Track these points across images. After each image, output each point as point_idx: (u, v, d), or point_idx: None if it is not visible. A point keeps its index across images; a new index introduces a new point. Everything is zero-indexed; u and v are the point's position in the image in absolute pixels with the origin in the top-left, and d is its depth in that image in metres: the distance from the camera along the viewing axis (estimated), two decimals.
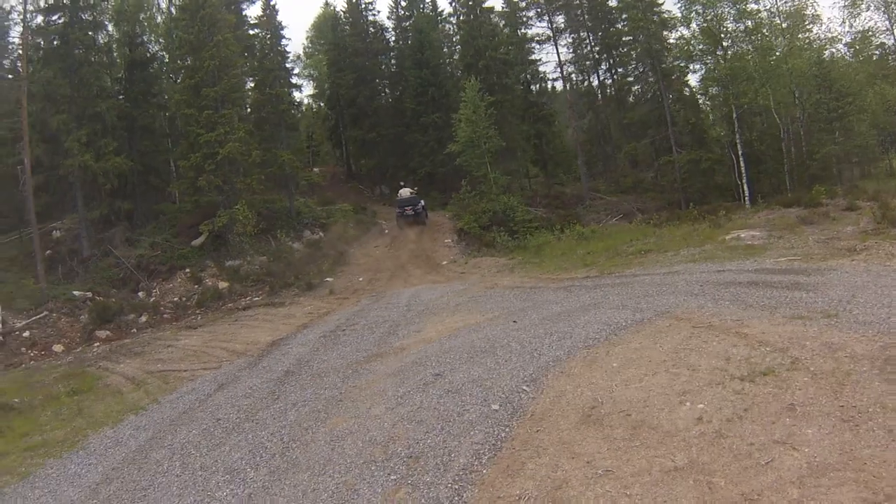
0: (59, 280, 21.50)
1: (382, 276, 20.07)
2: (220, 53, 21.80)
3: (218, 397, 9.05)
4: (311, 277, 20.51)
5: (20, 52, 21.62)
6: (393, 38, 41.22)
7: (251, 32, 31.16)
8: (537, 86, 32.16)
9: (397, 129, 35.07)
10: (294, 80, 40.25)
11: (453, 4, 32.86)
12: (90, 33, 22.21)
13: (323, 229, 26.22)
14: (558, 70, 30.53)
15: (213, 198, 22.84)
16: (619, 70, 31.14)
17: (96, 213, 24.66)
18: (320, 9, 46.70)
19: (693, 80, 25.86)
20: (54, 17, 21.85)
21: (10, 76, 23.68)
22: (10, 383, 13.53)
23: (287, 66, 36.11)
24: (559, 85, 34.59)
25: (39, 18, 21.79)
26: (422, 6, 40.78)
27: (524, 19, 30.35)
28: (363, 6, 38.53)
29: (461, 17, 30.63)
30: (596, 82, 33.22)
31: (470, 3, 29.33)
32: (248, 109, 25.89)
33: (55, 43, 21.58)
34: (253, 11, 41.38)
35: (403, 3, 41.36)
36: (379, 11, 44.41)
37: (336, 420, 6.74)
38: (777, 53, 22.28)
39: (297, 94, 50.62)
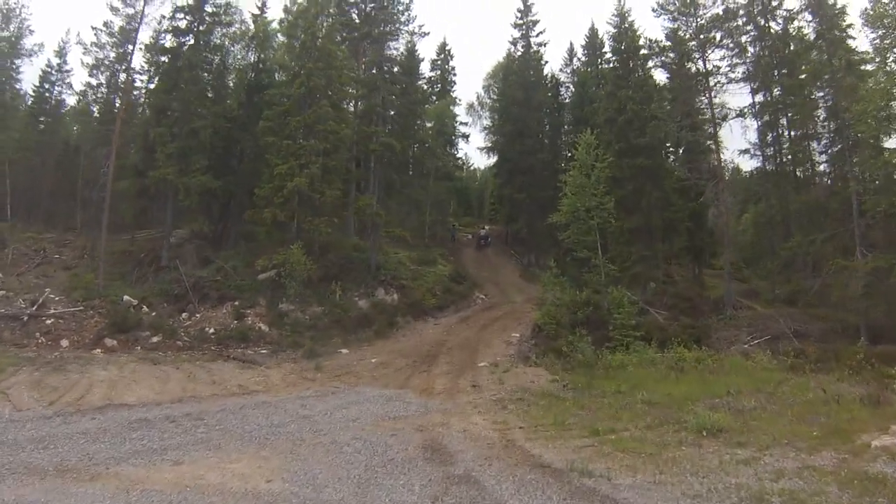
0: (132, 282, 21.84)
1: (399, 363, 16.12)
2: (309, 82, 20.35)
3: None
4: (324, 344, 17.73)
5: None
6: (570, 93, 37.46)
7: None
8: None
9: (548, 193, 30.64)
10: (464, 128, 39.01)
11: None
12: (206, 54, 22.60)
13: (400, 291, 23.10)
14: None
15: (284, 234, 21.41)
16: (801, 138, 22.62)
17: (193, 228, 25.30)
18: (501, 59, 44.08)
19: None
20: (183, 39, 22.67)
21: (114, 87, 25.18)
22: None
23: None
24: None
25: (168, 37, 22.74)
26: (599, 61, 35.85)
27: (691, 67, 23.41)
28: (531, 54, 35.07)
29: (615, 65, 25.05)
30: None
31: (622, 46, 23.84)
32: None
33: (175, 63, 22.27)
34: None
35: (581, 57, 37.37)
36: (547, 62, 40.80)
37: None
38: None
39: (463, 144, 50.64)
